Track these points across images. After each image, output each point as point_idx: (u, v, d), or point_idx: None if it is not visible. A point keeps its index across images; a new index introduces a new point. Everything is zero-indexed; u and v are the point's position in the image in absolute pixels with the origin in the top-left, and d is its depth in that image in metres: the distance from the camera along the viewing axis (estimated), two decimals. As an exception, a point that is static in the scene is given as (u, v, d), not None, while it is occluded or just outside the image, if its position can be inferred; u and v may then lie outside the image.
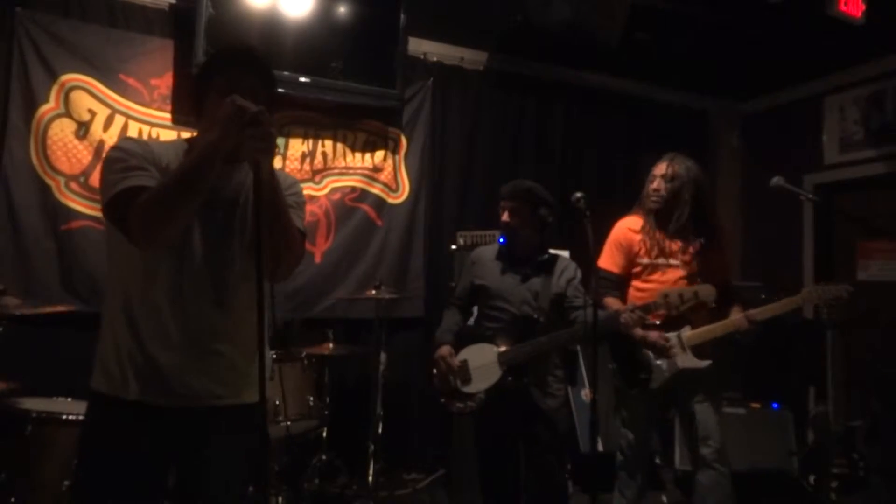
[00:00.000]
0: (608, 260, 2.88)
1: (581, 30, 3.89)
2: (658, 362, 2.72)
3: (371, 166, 4.25)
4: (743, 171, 5.56)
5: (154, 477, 1.55)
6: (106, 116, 3.60)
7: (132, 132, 3.65)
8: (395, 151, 4.33)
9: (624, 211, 3.03)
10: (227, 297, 1.56)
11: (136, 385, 1.50)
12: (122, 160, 1.49)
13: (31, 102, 3.45)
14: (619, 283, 2.85)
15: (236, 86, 1.49)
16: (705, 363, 2.69)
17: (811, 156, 4.93)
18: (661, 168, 2.84)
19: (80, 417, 2.28)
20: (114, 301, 1.57)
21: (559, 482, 2.73)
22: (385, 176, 4.29)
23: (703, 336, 2.71)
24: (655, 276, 2.80)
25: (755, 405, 3.86)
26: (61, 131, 3.51)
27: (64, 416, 2.49)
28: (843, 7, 3.36)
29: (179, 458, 1.58)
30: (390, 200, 4.29)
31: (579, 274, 2.74)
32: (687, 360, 2.69)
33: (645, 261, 2.81)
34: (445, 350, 2.68)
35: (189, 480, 1.59)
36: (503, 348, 2.59)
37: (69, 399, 2.77)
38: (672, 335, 2.71)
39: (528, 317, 2.62)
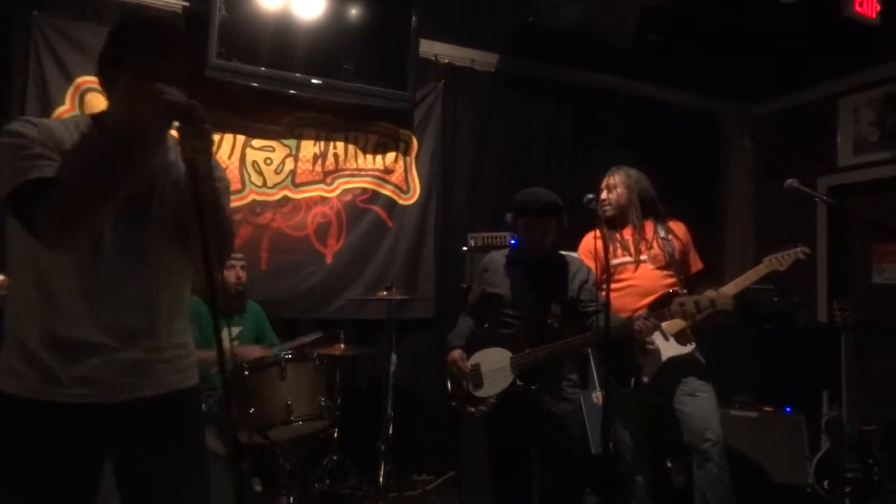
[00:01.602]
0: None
1: (591, 31, 3.89)
2: (645, 358, 2.73)
3: (382, 168, 4.27)
4: (755, 173, 5.52)
5: (80, 477, 1.44)
6: (120, 118, 3.63)
7: (146, 134, 3.67)
8: (406, 153, 4.34)
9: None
10: (146, 289, 1.46)
11: (41, 383, 1.39)
12: (24, 147, 1.33)
13: (48, 104, 3.49)
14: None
15: (157, 71, 1.35)
16: (690, 347, 2.74)
17: (825, 158, 4.90)
18: (604, 182, 3.05)
19: None
20: (16, 295, 1.45)
21: (573, 489, 2.70)
22: (396, 177, 4.30)
23: (681, 322, 2.72)
24: (627, 274, 2.87)
25: (767, 409, 3.82)
26: (76, 133, 3.54)
27: None
28: (857, 8, 3.34)
29: (113, 456, 1.48)
30: (401, 202, 4.30)
31: (592, 277, 2.72)
32: (671, 349, 2.71)
33: (615, 262, 2.88)
34: (457, 354, 2.68)
35: (125, 476, 1.50)
36: (515, 353, 2.59)
37: None
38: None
39: (542, 322, 2.60)
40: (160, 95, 1.28)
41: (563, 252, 2.79)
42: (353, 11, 3.91)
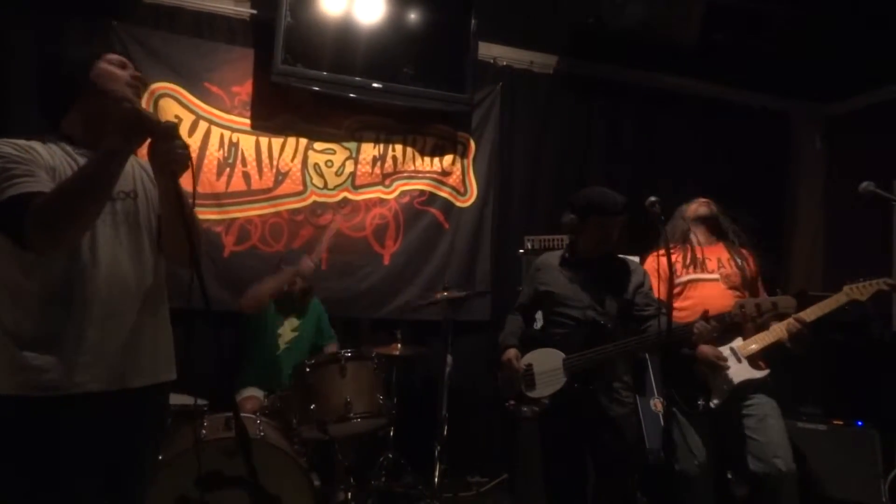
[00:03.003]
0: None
1: (655, 31, 3.82)
2: (716, 380, 2.64)
3: (440, 170, 4.30)
4: (827, 175, 5.29)
5: (80, 468, 1.50)
6: (191, 122, 3.80)
7: (214, 137, 3.83)
8: (463, 155, 4.36)
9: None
10: (132, 290, 1.56)
11: (28, 379, 1.44)
12: (5, 169, 1.41)
13: (125, 109, 3.67)
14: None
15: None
16: (763, 373, 2.63)
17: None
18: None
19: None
20: (3, 297, 1.49)
21: (628, 492, 2.68)
22: (453, 180, 4.33)
23: (755, 345, 2.63)
24: (695, 292, 2.78)
25: (837, 422, 3.66)
26: (151, 136, 3.71)
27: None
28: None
29: (106, 445, 1.54)
30: (458, 204, 4.33)
31: (648, 280, 2.67)
32: (743, 373, 2.62)
33: (683, 278, 2.80)
34: (512, 353, 2.67)
35: (114, 464, 1.57)
36: (568, 354, 2.57)
37: None
38: (725, 348, 2.64)
39: (595, 323, 2.58)
40: (134, 111, 1.43)
41: (621, 256, 2.76)
42: (413, 16, 3.97)
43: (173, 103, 3.76)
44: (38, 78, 1.68)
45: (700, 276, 2.81)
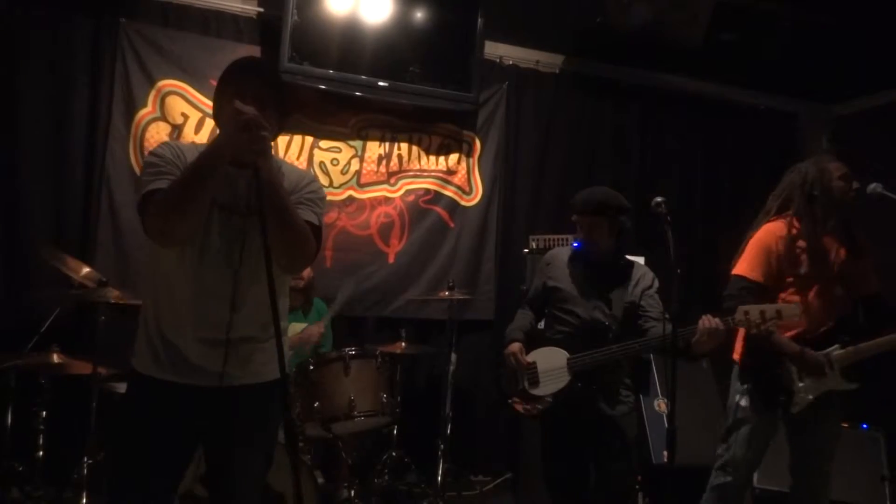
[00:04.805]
0: (753, 267, 2.57)
1: (662, 31, 3.81)
2: (801, 384, 2.48)
3: (445, 169, 4.31)
4: (834, 177, 5.26)
5: (179, 449, 1.70)
6: (197, 120, 3.81)
7: (221, 135, 3.83)
8: (469, 154, 4.36)
9: (706, 215, 2.93)
10: (241, 291, 1.66)
11: (162, 366, 1.66)
12: (154, 165, 1.63)
13: (132, 106, 3.69)
14: (761, 294, 2.51)
15: (243, 93, 1.61)
16: (854, 385, 2.47)
17: (910, 161, 4.62)
18: (841, 167, 2.61)
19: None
20: (147, 290, 1.75)
21: (629, 490, 2.68)
22: (459, 178, 4.33)
23: (855, 355, 2.45)
24: (812, 291, 2.52)
25: (843, 425, 3.64)
26: (157, 133, 3.73)
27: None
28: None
29: (206, 435, 1.71)
30: (463, 203, 4.33)
31: (656, 283, 2.66)
32: (835, 381, 2.46)
33: (802, 270, 2.52)
34: (516, 346, 2.67)
35: (213, 454, 1.75)
36: (572, 353, 2.57)
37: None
38: (821, 354, 2.48)
39: (600, 323, 2.58)
40: (232, 106, 1.52)
41: (629, 257, 2.75)
42: (419, 14, 3.97)
43: (180, 101, 3.78)
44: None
45: (821, 274, 2.54)
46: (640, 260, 2.92)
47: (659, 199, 2.39)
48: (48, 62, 3.57)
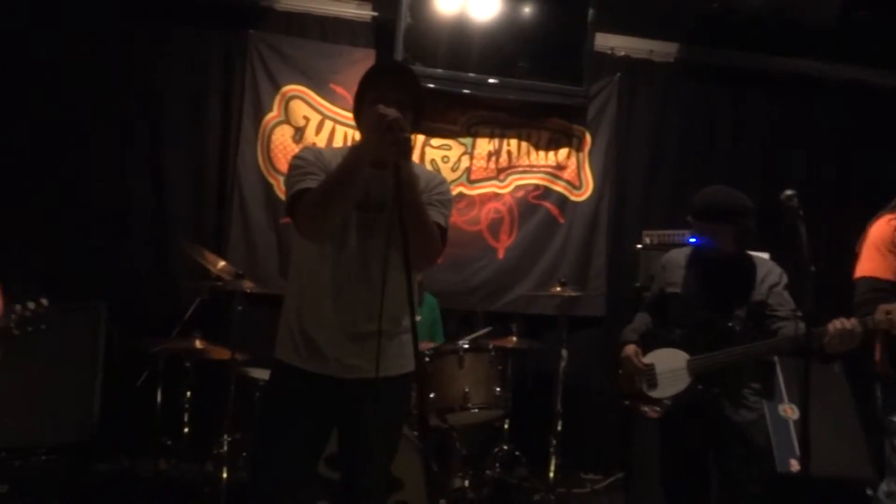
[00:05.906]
0: (879, 266, 2.38)
1: (790, 13, 3.59)
2: None
3: (554, 164, 4.28)
4: None
5: (317, 433, 1.81)
6: (318, 122, 4.02)
7: (338, 136, 4.03)
8: (579, 149, 4.31)
9: (840, 209, 2.71)
10: (376, 286, 1.70)
11: (302, 356, 1.77)
12: (300, 167, 1.74)
13: (259, 111, 3.96)
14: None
15: (384, 97, 1.68)
16: None
17: None
18: None
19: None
20: (290, 285, 1.87)
21: (755, 500, 2.55)
22: (568, 174, 4.29)
23: None
24: None
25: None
26: (282, 136, 3.98)
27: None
28: None
29: (341, 422, 1.82)
30: (573, 198, 4.29)
31: (785, 278, 2.52)
32: None
33: None
34: (631, 349, 2.61)
35: (347, 440, 1.85)
36: (692, 355, 2.49)
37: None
38: None
39: (722, 324, 2.47)
40: (375, 110, 1.59)
41: (751, 253, 2.62)
42: (527, 10, 3.97)
43: (302, 104, 4.00)
44: None
45: None
46: (765, 256, 2.77)
47: (790, 191, 2.25)
48: (186, 74, 3.92)
